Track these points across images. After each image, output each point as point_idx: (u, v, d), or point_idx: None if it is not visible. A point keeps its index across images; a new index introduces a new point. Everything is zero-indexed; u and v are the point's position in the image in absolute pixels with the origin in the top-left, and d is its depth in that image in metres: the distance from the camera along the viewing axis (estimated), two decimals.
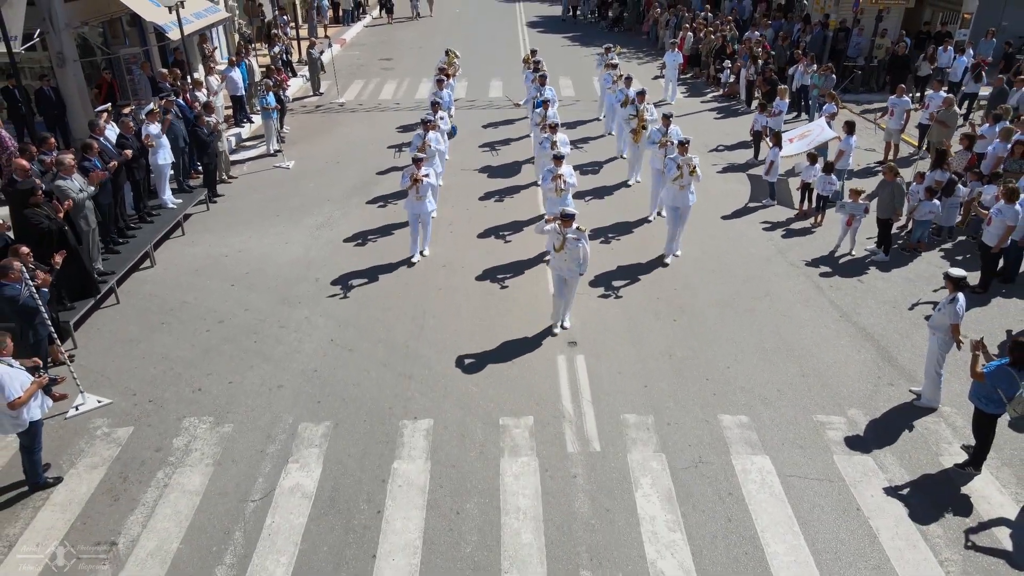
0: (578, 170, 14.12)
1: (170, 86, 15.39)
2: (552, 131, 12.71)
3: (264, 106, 16.10)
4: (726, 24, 23.16)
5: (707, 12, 25.83)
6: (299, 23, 27.66)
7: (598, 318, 10.03)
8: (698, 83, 22.65)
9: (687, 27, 23.76)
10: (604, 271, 11.10)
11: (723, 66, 21.20)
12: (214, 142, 13.78)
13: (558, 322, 9.67)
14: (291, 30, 26.01)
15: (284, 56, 21.84)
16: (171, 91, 14.86)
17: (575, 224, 8.89)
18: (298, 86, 22.19)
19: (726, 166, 15.60)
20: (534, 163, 14.78)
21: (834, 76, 17.73)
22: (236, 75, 17.38)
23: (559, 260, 9.11)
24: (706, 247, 11.97)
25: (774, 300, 10.45)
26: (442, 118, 13.78)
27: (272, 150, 16.48)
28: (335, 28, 31.61)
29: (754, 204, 13.67)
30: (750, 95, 19.57)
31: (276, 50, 21.25)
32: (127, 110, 13.55)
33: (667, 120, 12.45)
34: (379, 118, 19.28)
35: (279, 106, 16.87)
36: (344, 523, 6.81)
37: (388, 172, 15.20)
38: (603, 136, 17.36)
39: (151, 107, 12.99)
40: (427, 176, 11.01)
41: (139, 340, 9.60)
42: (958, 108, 16.07)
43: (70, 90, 14.28)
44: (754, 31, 21.67)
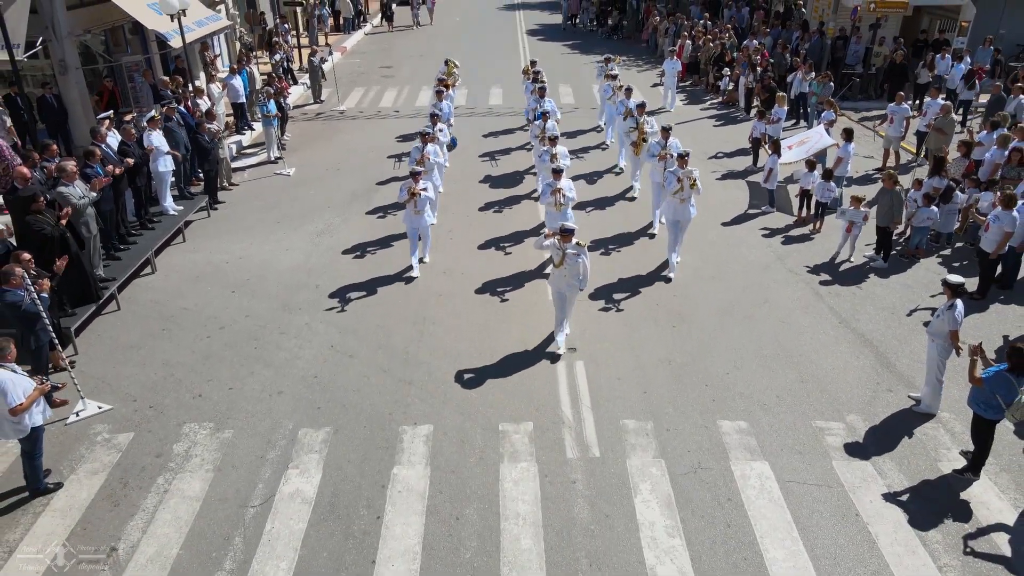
0: (578, 180, 14.18)
1: (171, 93, 15.47)
2: (552, 143, 12.59)
3: (265, 113, 16.18)
4: (725, 32, 23.27)
5: (706, 20, 25.94)
6: (300, 31, 27.79)
7: (597, 324, 10.05)
8: (697, 90, 22.74)
9: (685, 35, 23.88)
10: (605, 283, 10.98)
11: (722, 73, 21.31)
12: (215, 149, 13.85)
13: (560, 342, 9.41)
14: (292, 38, 26.14)
15: (285, 64, 21.95)
16: (172, 98, 14.93)
17: (575, 239, 8.82)
18: (299, 94, 22.29)
19: (725, 173, 15.66)
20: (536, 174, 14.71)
21: (832, 84, 17.82)
22: (237, 83, 17.50)
23: (558, 276, 8.99)
24: (705, 254, 11.99)
25: (773, 306, 10.48)
26: (441, 130, 13.67)
27: (273, 157, 16.55)
28: (336, 36, 31.74)
29: (753, 211, 13.71)
30: (749, 102, 19.65)
31: (277, 58, 21.35)
32: (129, 117, 13.59)
33: (666, 132, 12.25)
34: (379, 126, 19.36)
35: (280, 113, 16.95)
36: (344, 529, 6.82)
37: (388, 183, 15.18)
38: (603, 146, 17.33)
39: (152, 114, 13.05)
40: (425, 190, 10.90)
41: (140, 346, 9.63)
42: (955, 115, 16.13)
43: (72, 97, 14.34)
44: (753, 39, 21.78)
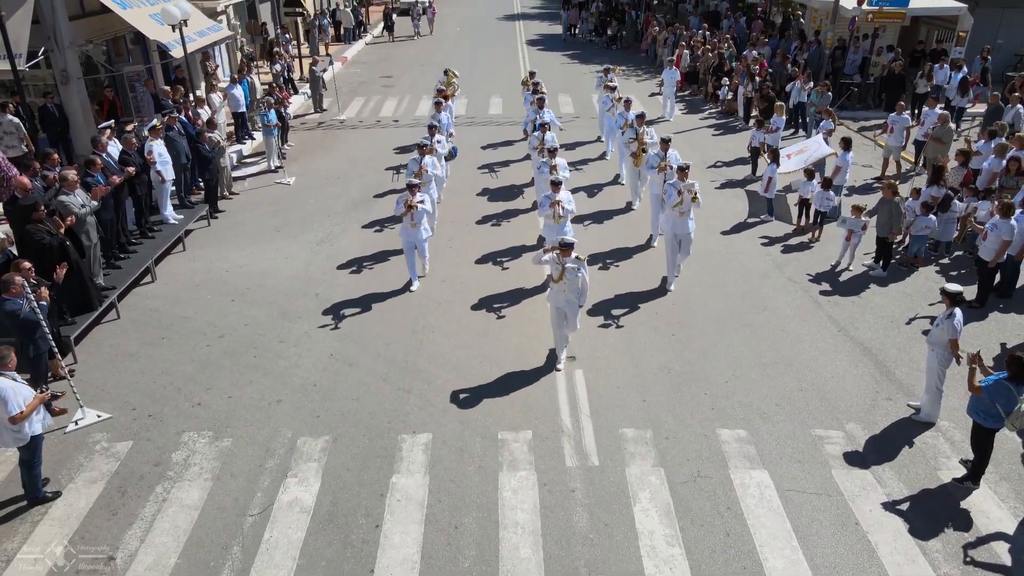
0: (577, 193, 14.15)
1: (172, 103, 15.54)
2: (551, 155, 12.40)
3: (265, 123, 16.25)
4: (724, 42, 23.38)
5: (705, 31, 26.07)
6: (301, 41, 27.93)
7: (596, 333, 10.05)
8: (696, 100, 22.83)
9: (683, 44, 24.00)
10: (603, 299, 10.84)
11: (721, 83, 21.39)
12: (216, 158, 13.89)
13: (560, 359, 9.32)
14: (293, 48, 26.27)
15: (286, 74, 22.07)
16: (173, 108, 15.00)
17: (574, 253, 8.69)
18: (299, 103, 22.38)
19: (724, 182, 15.70)
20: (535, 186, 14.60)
21: (830, 93, 17.89)
22: (238, 92, 17.59)
23: (557, 291, 8.83)
24: (705, 262, 12.01)
25: (772, 315, 10.49)
26: (439, 141, 13.49)
27: (273, 166, 16.60)
28: (336, 46, 31.89)
29: (752, 220, 13.74)
30: (748, 112, 19.71)
31: (277, 68, 21.47)
32: (130, 127, 13.65)
33: (665, 144, 12.04)
34: (379, 135, 19.42)
35: (280, 123, 17.02)
36: (342, 538, 6.80)
37: (385, 195, 15.05)
38: (603, 158, 17.29)
39: (154, 123, 13.11)
40: (422, 202, 10.72)
41: (139, 354, 9.64)
42: (953, 124, 16.18)
43: (74, 107, 14.41)
44: (752, 50, 21.89)
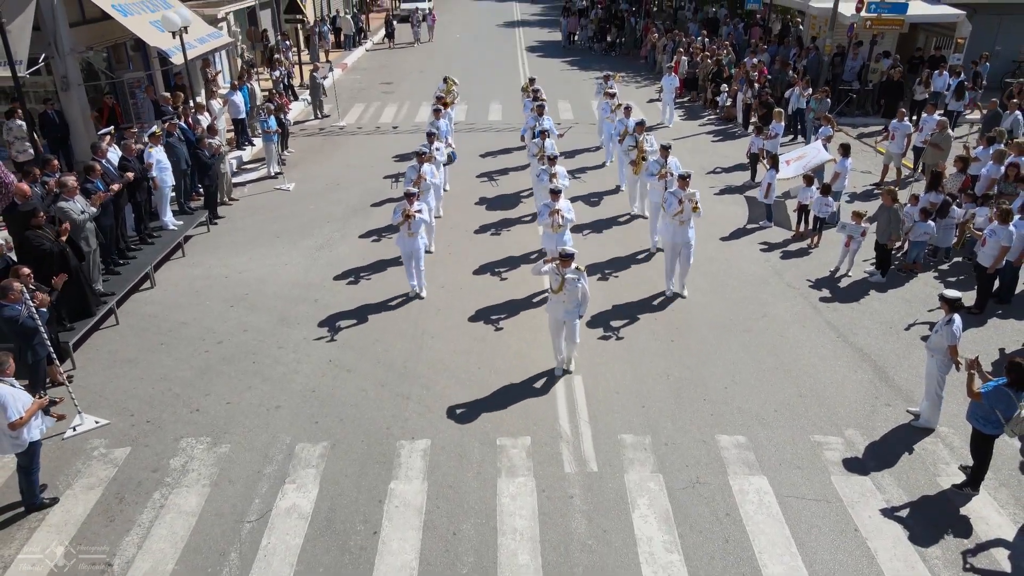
0: (577, 202, 14.14)
1: (173, 109, 15.58)
2: (551, 163, 12.28)
3: (265, 129, 16.29)
4: (723, 48, 23.46)
5: (704, 37, 26.15)
6: (301, 48, 28.00)
7: (595, 339, 10.05)
8: (695, 106, 22.88)
9: (681, 51, 24.07)
10: (602, 310, 10.75)
11: (720, 89, 21.45)
12: (216, 164, 13.92)
13: (560, 365, 9.26)
14: (293, 55, 26.35)
15: (286, 80, 22.12)
16: (173, 114, 15.03)
17: (574, 264, 8.58)
18: (299, 109, 22.44)
19: (723, 188, 15.72)
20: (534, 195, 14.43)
21: (829, 99, 17.93)
22: (238, 98, 17.63)
23: (556, 302, 8.69)
24: (704, 268, 12.01)
25: (771, 321, 10.49)
26: (438, 149, 13.45)
27: (273, 172, 16.63)
28: (337, 53, 31.99)
29: (751, 226, 13.75)
30: (747, 118, 19.76)
31: (277, 74, 21.53)
32: (131, 134, 13.67)
33: (665, 151, 12.02)
34: (379, 141, 19.46)
35: (280, 129, 17.06)
36: (340, 544, 6.79)
37: (383, 204, 14.99)
38: (603, 166, 17.24)
39: (154, 130, 13.14)
40: (420, 212, 10.59)
41: (138, 361, 9.63)
42: (951, 130, 16.23)
43: (74, 113, 14.46)
44: (751, 56, 21.96)
